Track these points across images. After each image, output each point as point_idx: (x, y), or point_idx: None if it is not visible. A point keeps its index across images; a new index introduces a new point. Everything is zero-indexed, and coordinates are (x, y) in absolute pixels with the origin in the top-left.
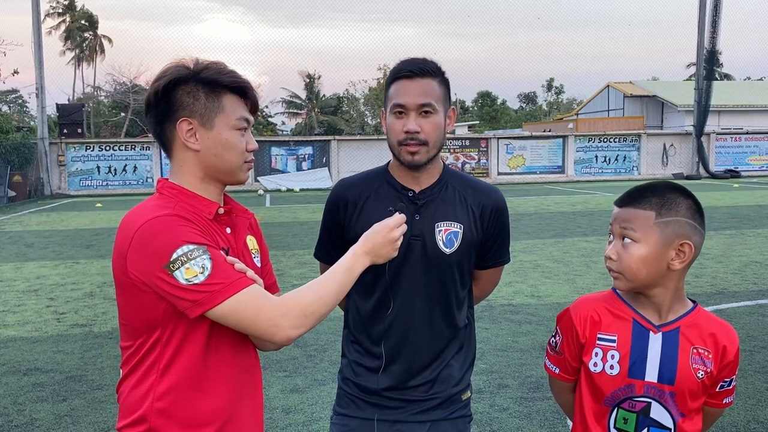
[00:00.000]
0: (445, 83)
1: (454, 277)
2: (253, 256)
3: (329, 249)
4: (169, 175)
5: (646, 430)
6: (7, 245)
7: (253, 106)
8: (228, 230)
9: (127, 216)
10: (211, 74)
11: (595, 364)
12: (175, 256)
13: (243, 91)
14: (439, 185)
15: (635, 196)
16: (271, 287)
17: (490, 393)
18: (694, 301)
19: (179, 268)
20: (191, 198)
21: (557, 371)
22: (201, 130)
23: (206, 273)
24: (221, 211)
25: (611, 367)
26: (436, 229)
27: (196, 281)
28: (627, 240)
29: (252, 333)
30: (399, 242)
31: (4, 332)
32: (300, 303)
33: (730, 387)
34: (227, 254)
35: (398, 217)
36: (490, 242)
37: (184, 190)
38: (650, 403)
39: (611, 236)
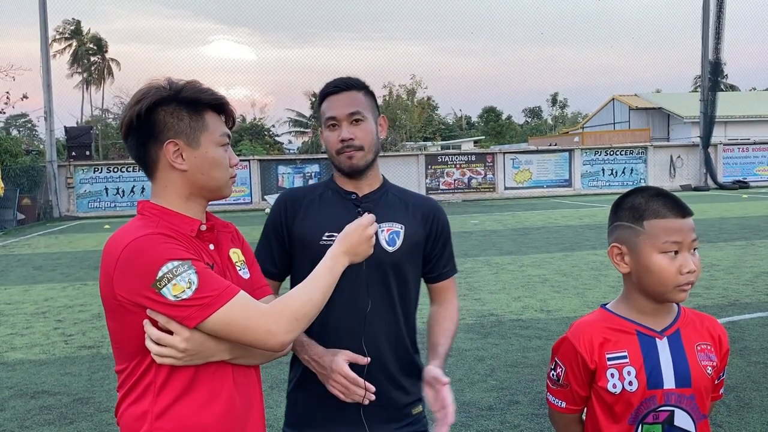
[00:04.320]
0: (370, 95)
1: (397, 279)
2: (239, 268)
3: (267, 257)
4: (151, 196)
5: None
6: (15, 268)
7: (230, 120)
8: (211, 246)
9: (110, 239)
10: (192, 93)
11: (614, 386)
12: (160, 273)
13: (221, 107)
14: (380, 191)
15: (683, 205)
16: (263, 289)
17: (500, 410)
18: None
19: (166, 285)
20: (173, 217)
21: (564, 405)
22: (187, 149)
23: (193, 287)
24: (203, 227)
25: (630, 383)
26: (379, 230)
27: (184, 296)
28: (695, 249)
29: (245, 341)
30: (374, 239)
31: (12, 355)
32: (290, 307)
33: (724, 376)
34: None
35: (369, 216)
36: (434, 247)
37: (165, 209)
38: (673, 411)
39: (673, 251)
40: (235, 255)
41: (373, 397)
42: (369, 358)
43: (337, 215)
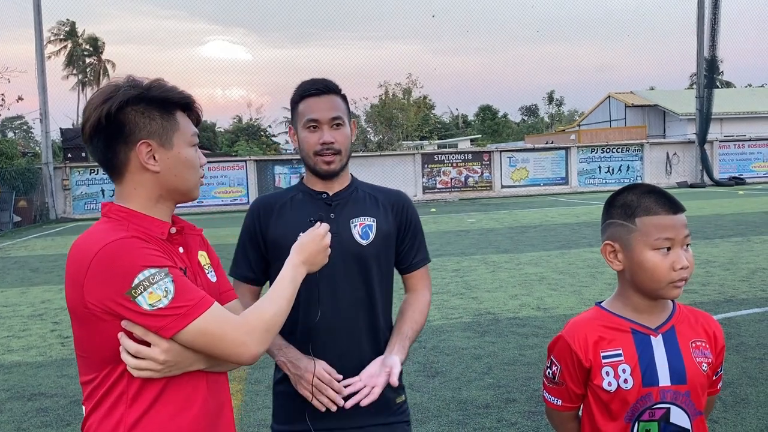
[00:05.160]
0: (344, 99)
1: (374, 272)
2: (207, 271)
3: (245, 265)
4: (117, 198)
5: None
6: (12, 270)
7: (194, 118)
8: (181, 250)
9: (77, 243)
10: (161, 92)
11: (609, 384)
12: (136, 281)
13: (189, 105)
14: (350, 189)
15: (675, 201)
16: (228, 293)
17: (497, 408)
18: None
19: (142, 293)
20: (142, 220)
21: (560, 403)
22: (160, 150)
23: (170, 296)
24: (173, 230)
25: (625, 381)
26: (351, 225)
27: (160, 305)
28: (688, 245)
29: (218, 354)
30: (329, 250)
31: (9, 357)
32: (261, 319)
33: (722, 371)
34: (185, 274)
35: (324, 226)
36: (405, 238)
37: (133, 212)
38: (669, 408)
39: (665, 248)
40: (203, 258)
41: (342, 403)
42: (341, 376)
43: (310, 216)
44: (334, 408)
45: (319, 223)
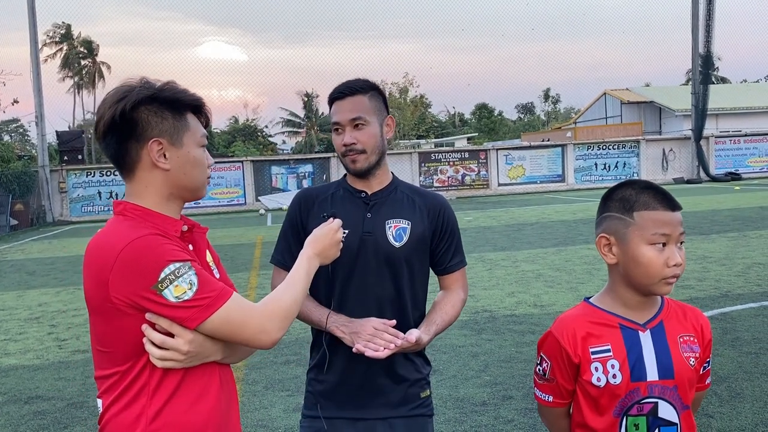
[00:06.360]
0: (376, 96)
1: (404, 273)
2: (213, 268)
3: (286, 252)
4: (128, 196)
5: (657, 431)
6: (9, 274)
7: (204, 121)
8: (190, 247)
9: (98, 241)
10: (172, 93)
11: (598, 379)
12: (163, 275)
13: (199, 108)
14: (389, 189)
15: (672, 199)
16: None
17: (494, 405)
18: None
19: (168, 286)
20: (155, 218)
21: (551, 399)
22: (171, 149)
23: (194, 288)
24: (185, 228)
25: (614, 376)
26: (386, 226)
27: (185, 297)
28: (682, 243)
29: (240, 341)
30: (341, 244)
31: (6, 361)
32: (281, 306)
33: (710, 366)
34: None
35: (337, 221)
36: (441, 242)
37: (147, 210)
38: (657, 402)
39: (661, 243)
40: (208, 255)
41: (399, 342)
42: (395, 321)
43: (348, 213)
44: (392, 346)
45: (331, 218)
